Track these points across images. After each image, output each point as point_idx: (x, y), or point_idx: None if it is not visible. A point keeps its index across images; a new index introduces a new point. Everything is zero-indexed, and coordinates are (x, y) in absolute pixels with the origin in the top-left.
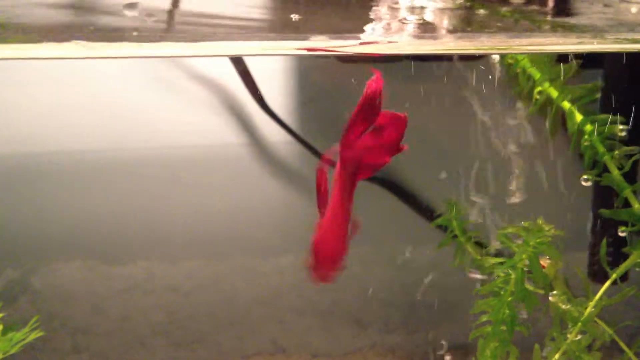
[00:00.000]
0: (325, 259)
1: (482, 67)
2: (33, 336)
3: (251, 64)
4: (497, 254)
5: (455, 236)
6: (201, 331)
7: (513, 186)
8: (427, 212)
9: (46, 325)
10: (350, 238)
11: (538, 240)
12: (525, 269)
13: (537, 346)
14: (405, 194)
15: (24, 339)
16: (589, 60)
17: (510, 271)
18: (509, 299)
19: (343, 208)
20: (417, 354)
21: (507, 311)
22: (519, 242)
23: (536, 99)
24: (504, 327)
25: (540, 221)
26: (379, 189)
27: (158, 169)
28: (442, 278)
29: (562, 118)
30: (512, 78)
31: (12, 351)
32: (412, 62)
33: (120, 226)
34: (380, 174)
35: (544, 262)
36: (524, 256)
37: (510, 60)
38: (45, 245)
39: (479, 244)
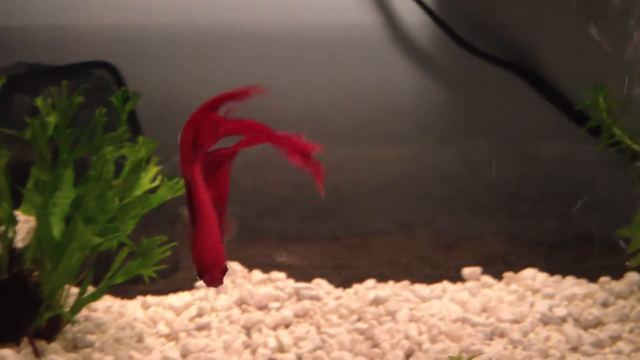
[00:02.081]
0: (205, 268)
1: None
2: None
3: None
4: None
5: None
6: (328, 207)
7: None
8: (563, 103)
9: None
10: (224, 239)
11: None
12: None
13: None
14: (541, 82)
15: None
16: None
17: None
18: None
19: (209, 217)
20: (543, 242)
21: None
22: None
23: None
24: None
25: None
26: (513, 77)
27: (287, 46)
28: (571, 172)
29: None
30: None
31: (176, 194)
32: None
33: (251, 103)
34: (517, 60)
35: None
36: None
37: None
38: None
39: None
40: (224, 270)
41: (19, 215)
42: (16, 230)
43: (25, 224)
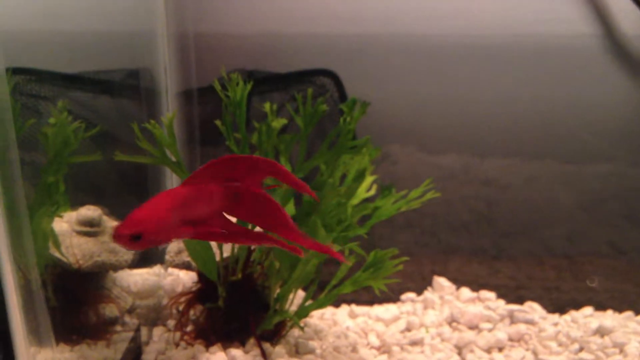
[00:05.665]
0: (123, 221)
1: None
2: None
3: None
4: None
5: None
6: (524, 225)
7: None
8: None
9: None
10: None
11: None
12: None
13: None
14: None
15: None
16: None
17: None
18: None
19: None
20: None
21: None
22: None
23: None
24: None
25: None
26: None
27: (498, 57)
28: None
29: None
30: None
31: (409, 206)
32: None
33: (443, 115)
34: None
35: None
36: None
37: None
38: (379, 128)
39: None
40: (136, 235)
41: None
42: None
43: None
